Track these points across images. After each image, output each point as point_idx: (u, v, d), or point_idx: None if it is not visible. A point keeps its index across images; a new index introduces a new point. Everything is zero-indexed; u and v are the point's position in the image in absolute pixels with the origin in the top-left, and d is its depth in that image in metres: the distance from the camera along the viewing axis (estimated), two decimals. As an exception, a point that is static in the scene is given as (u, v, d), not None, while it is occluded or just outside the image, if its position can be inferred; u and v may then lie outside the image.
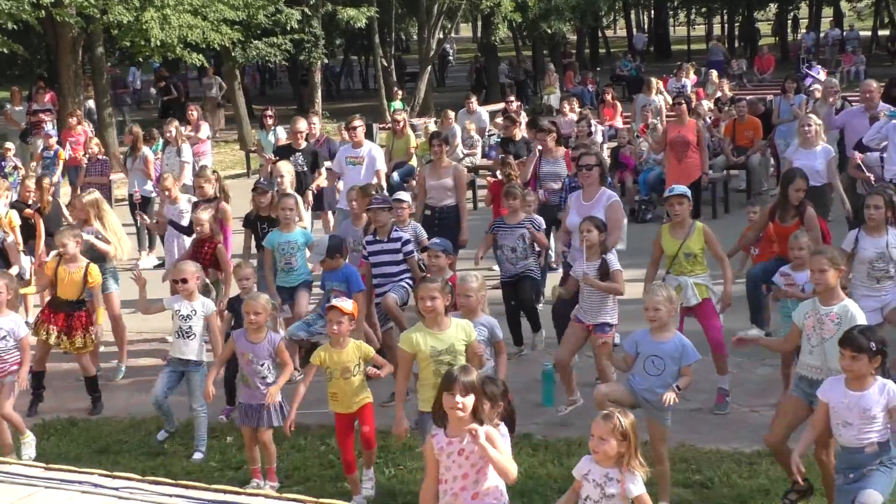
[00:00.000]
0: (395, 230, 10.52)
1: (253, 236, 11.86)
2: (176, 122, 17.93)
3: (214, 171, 13.87)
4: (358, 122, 14.48)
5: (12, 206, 13.26)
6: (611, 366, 9.41)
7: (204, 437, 9.27)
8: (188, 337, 9.28)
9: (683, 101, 16.35)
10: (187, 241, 12.30)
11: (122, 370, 11.50)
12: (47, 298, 10.77)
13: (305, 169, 14.70)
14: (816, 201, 11.27)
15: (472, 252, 14.53)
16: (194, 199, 12.92)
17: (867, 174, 13.23)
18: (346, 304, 8.03)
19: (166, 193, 13.21)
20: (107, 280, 11.33)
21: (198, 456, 9.18)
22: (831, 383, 6.87)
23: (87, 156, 18.20)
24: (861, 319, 7.41)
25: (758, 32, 60.69)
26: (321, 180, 14.86)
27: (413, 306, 8.47)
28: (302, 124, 15.19)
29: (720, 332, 9.76)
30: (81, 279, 10.37)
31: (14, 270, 11.72)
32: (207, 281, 10.80)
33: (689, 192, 10.03)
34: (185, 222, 12.44)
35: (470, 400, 5.90)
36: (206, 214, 11.39)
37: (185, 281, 9.33)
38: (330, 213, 15.46)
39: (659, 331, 7.72)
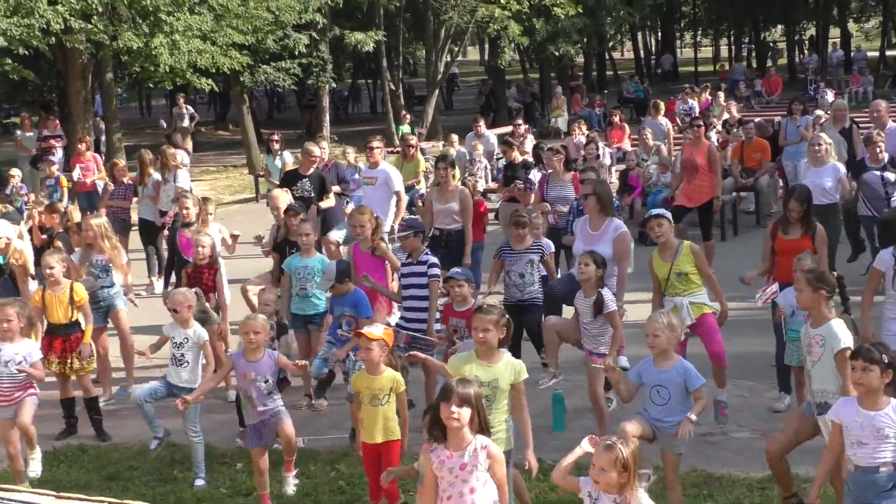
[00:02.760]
0: (425, 253, 10.49)
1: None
2: (172, 149, 17.94)
3: (206, 198, 13.82)
4: (376, 143, 14.57)
5: (30, 231, 13.34)
6: (603, 396, 9.43)
7: (202, 463, 9.25)
8: (181, 364, 9.31)
9: (702, 124, 16.33)
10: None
11: (127, 392, 11.45)
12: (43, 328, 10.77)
13: (313, 195, 14.73)
14: (825, 220, 11.26)
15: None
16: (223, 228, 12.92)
17: None
18: (375, 331, 7.98)
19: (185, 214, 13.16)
20: (115, 298, 11.40)
21: (199, 483, 9.16)
22: (844, 403, 6.83)
23: (107, 180, 18.05)
24: (847, 341, 7.42)
25: (778, 52, 60.78)
26: (327, 202, 14.87)
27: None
28: (315, 150, 15.24)
29: (720, 346, 9.72)
30: (67, 300, 10.37)
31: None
32: (208, 306, 10.83)
33: (667, 213, 9.99)
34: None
35: (466, 412, 5.95)
36: (207, 239, 11.42)
37: (175, 311, 9.38)
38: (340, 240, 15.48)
39: (661, 358, 7.69)
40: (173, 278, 14.30)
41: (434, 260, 10.53)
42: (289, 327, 10.50)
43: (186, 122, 31.66)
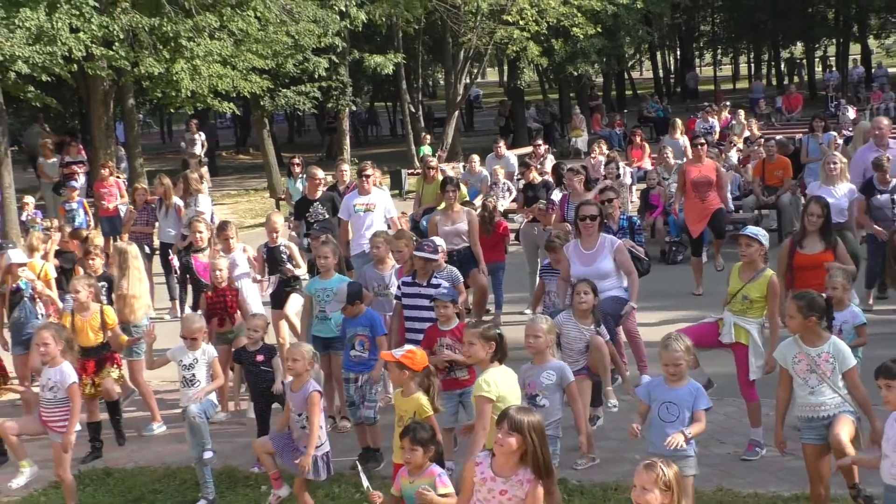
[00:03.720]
0: (435, 276, 10.48)
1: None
2: (194, 174, 18.02)
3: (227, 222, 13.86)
4: (370, 171, 14.58)
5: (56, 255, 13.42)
6: (584, 413, 9.39)
7: (209, 483, 9.28)
8: (193, 385, 9.36)
9: (704, 142, 16.33)
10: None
11: (154, 429, 11.46)
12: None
13: (328, 216, 14.76)
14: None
15: (516, 296, 14.68)
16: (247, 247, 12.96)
17: (878, 228, 13.27)
18: (395, 352, 7.97)
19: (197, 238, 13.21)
20: (135, 345, 11.35)
21: (208, 455, 9.23)
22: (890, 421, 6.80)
23: (133, 203, 18.06)
24: (851, 355, 7.62)
25: (803, 67, 60.74)
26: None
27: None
28: (319, 173, 15.31)
29: (752, 386, 9.62)
30: (98, 324, 10.47)
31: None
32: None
33: (759, 235, 9.74)
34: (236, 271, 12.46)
35: (514, 440, 6.01)
36: (224, 262, 11.47)
37: (194, 339, 9.44)
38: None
39: (675, 379, 7.65)
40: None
41: (446, 284, 10.52)
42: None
43: (198, 148, 31.76)
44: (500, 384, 7.48)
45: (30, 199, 22.08)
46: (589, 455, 9.49)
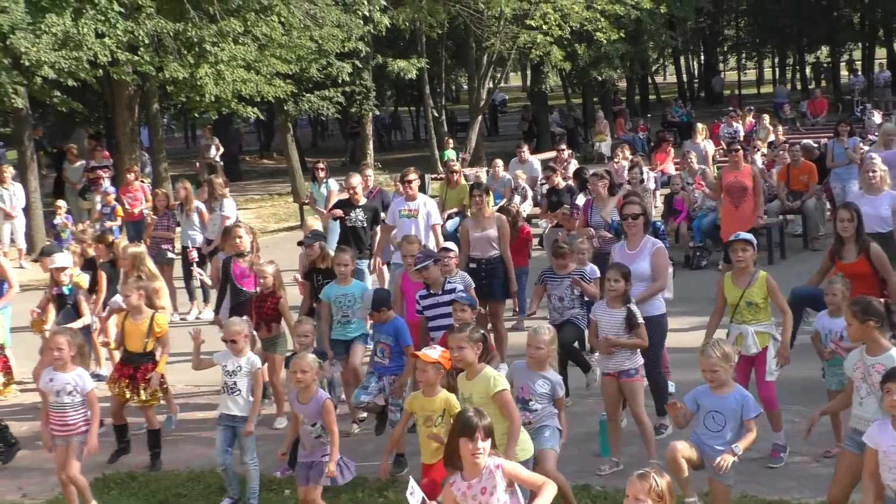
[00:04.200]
0: (448, 282, 10.50)
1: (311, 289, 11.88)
2: (219, 179, 18.08)
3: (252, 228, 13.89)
4: (413, 176, 14.52)
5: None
6: (645, 415, 9.38)
7: (256, 491, 9.26)
8: (233, 393, 9.29)
9: (740, 148, 16.24)
10: None
11: (173, 420, 11.50)
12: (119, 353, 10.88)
13: (365, 224, 14.76)
14: (883, 249, 11.04)
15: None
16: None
17: None
18: (431, 353, 7.98)
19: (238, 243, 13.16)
20: None
21: None
22: (879, 427, 6.75)
23: (153, 208, 18.11)
24: None
25: (828, 71, 60.47)
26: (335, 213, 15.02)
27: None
28: (355, 179, 15.29)
29: (770, 390, 9.55)
30: (146, 330, 10.44)
31: (85, 320, 12.08)
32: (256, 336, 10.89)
33: (753, 239, 9.76)
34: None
35: (489, 443, 6.05)
36: (270, 268, 11.42)
37: (234, 342, 9.38)
38: (385, 266, 15.51)
39: (719, 385, 7.62)
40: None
41: (460, 287, 10.53)
42: (328, 357, 10.53)
43: (213, 153, 31.87)
44: None
45: (62, 204, 22.20)
46: (612, 460, 9.49)
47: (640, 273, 10.20)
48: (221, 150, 32.66)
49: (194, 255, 16.50)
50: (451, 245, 11.94)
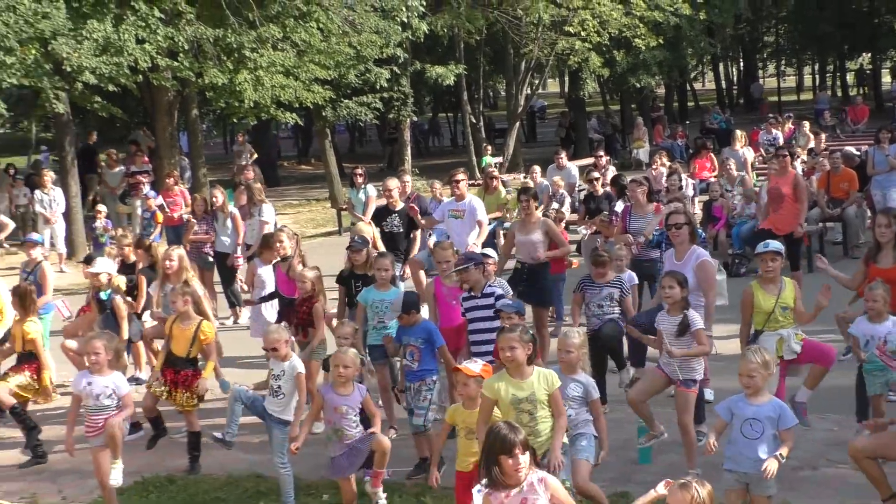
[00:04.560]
0: (490, 285, 10.50)
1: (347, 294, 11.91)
2: (258, 184, 18.17)
3: (296, 234, 13.95)
4: (461, 176, 14.58)
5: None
6: (692, 425, 9.34)
7: (291, 495, 9.28)
8: (277, 396, 9.32)
9: (788, 154, 16.15)
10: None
11: (229, 386, 11.52)
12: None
13: (401, 229, 14.79)
14: None
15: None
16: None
17: None
18: (472, 367, 8.01)
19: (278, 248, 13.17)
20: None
21: None
22: None
23: (192, 212, 18.22)
24: None
25: (869, 78, 60.05)
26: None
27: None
28: (393, 182, 15.32)
29: (831, 352, 9.70)
30: (192, 336, 10.49)
31: (126, 327, 12.25)
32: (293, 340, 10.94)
33: (782, 249, 9.84)
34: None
35: (528, 456, 6.05)
36: (310, 273, 11.44)
37: (275, 349, 9.40)
38: (422, 271, 15.51)
39: (754, 394, 7.58)
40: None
41: (500, 292, 10.52)
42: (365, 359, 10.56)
43: (245, 159, 32.00)
44: None
45: (102, 208, 22.36)
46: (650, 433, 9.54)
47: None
48: (255, 155, 32.80)
49: (239, 262, 16.62)
50: (490, 251, 11.93)
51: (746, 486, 7.53)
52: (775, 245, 9.87)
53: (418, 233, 15.03)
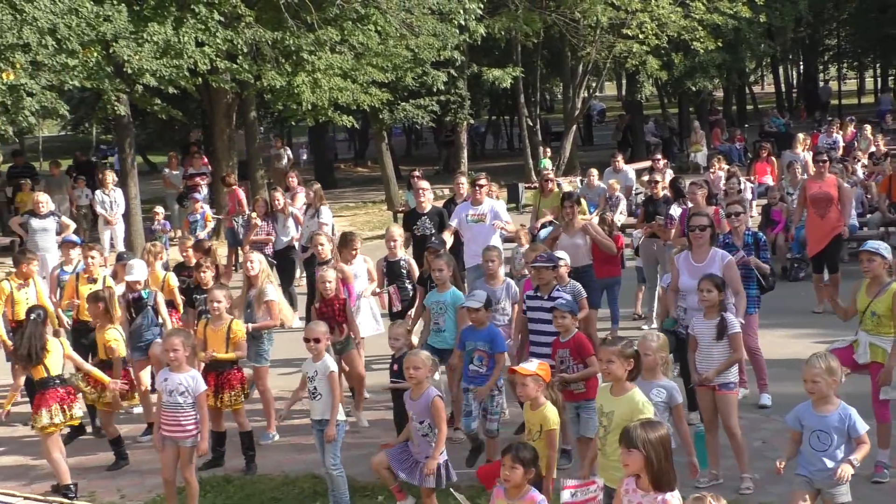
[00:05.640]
0: (557, 289, 10.46)
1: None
2: (318, 185, 18.26)
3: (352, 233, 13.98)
4: (484, 181, 14.60)
5: (175, 269, 13.65)
6: (738, 428, 9.26)
7: (346, 496, 9.30)
8: (315, 397, 9.36)
9: (827, 159, 15.97)
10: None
11: (271, 437, 11.59)
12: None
13: (433, 231, 14.78)
14: None
15: (631, 311, 14.51)
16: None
17: None
18: (528, 366, 7.98)
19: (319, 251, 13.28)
20: (263, 351, 11.52)
21: None
22: None
23: (252, 214, 18.30)
24: None
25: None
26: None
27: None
28: (423, 183, 15.42)
29: (882, 407, 9.35)
30: (224, 336, 10.56)
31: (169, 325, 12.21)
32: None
33: (880, 249, 9.54)
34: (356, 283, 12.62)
35: (635, 456, 6.07)
36: (332, 274, 11.56)
37: (317, 340, 9.43)
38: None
39: (820, 403, 7.44)
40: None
41: (566, 296, 10.47)
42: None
43: (284, 163, 32.13)
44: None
45: (160, 209, 22.58)
46: (711, 472, 9.38)
47: None
48: (292, 159, 32.94)
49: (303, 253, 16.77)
50: (562, 254, 11.86)
51: (818, 491, 7.43)
52: (872, 244, 9.69)
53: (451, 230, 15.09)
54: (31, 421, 10.30)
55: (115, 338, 11.02)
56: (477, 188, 14.47)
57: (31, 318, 10.18)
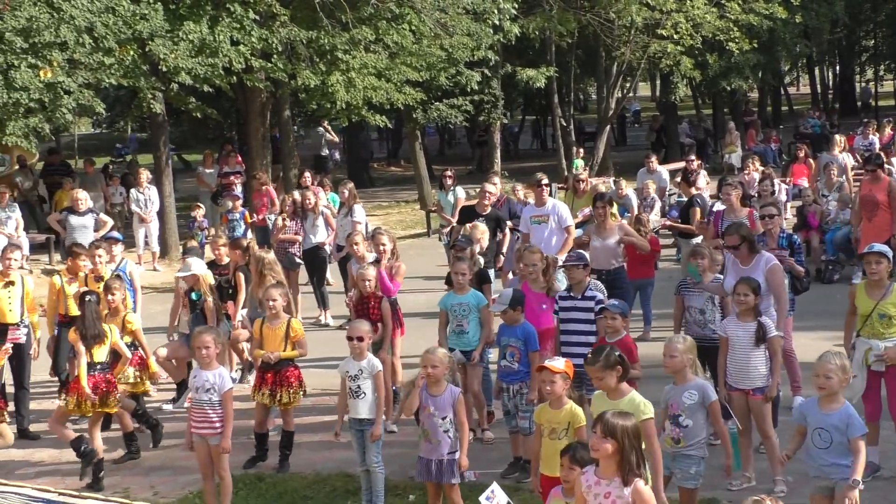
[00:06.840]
0: (590, 289, 10.44)
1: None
2: (351, 184, 18.27)
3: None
4: (545, 181, 14.51)
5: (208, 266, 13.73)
6: (773, 432, 9.25)
7: (381, 494, 9.31)
8: (358, 396, 9.33)
9: (882, 161, 15.88)
10: None
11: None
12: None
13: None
14: None
15: (665, 311, 14.44)
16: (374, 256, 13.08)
17: None
18: (557, 364, 7.97)
19: (355, 249, 13.28)
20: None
21: None
22: None
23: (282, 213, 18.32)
24: None
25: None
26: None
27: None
28: (492, 188, 15.37)
29: None
30: (283, 335, 10.57)
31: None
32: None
33: (888, 251, 9.60)
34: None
35: (610, 444, 6.17)
36: (372, 271, 11.56)
37: (360, 339, 9.44)
38: (510, 273, 15.47)
39: (827, 400, 7.47)
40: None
41: (601, 297, 10.46)
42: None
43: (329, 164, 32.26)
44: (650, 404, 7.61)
45: (201, 207, 22.68)
46: (744, 474, 9.33)
47: None
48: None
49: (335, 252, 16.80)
50: (586, 254, 11.83)
51: (832, 493, 7.43)
52: (880, 247, 9.66)
53: (507, 232, 15.06)
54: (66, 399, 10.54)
55: (134, 321, 11.33)
56: (541, 188, 14.38)
57: (87, 300, 10.52)
